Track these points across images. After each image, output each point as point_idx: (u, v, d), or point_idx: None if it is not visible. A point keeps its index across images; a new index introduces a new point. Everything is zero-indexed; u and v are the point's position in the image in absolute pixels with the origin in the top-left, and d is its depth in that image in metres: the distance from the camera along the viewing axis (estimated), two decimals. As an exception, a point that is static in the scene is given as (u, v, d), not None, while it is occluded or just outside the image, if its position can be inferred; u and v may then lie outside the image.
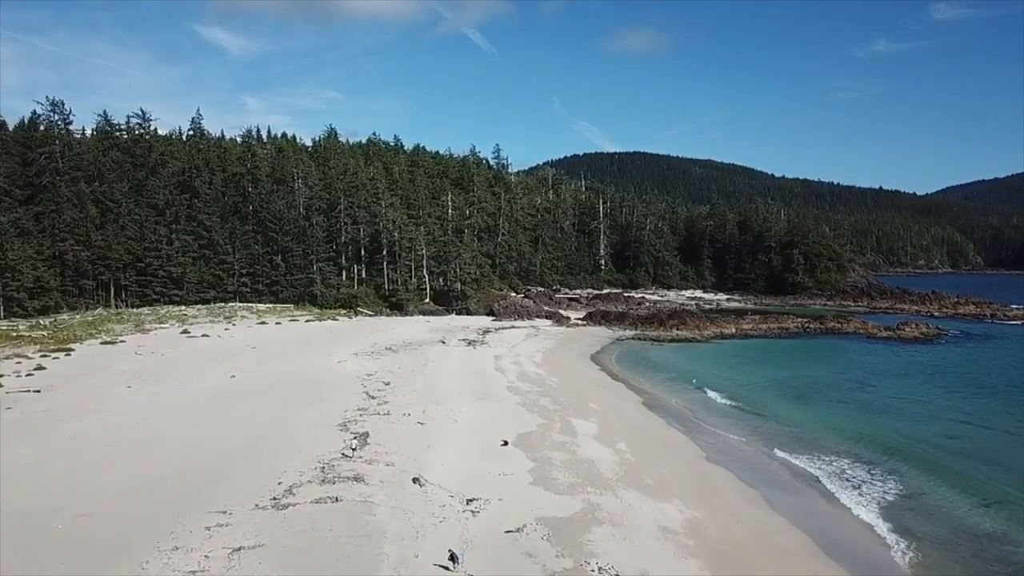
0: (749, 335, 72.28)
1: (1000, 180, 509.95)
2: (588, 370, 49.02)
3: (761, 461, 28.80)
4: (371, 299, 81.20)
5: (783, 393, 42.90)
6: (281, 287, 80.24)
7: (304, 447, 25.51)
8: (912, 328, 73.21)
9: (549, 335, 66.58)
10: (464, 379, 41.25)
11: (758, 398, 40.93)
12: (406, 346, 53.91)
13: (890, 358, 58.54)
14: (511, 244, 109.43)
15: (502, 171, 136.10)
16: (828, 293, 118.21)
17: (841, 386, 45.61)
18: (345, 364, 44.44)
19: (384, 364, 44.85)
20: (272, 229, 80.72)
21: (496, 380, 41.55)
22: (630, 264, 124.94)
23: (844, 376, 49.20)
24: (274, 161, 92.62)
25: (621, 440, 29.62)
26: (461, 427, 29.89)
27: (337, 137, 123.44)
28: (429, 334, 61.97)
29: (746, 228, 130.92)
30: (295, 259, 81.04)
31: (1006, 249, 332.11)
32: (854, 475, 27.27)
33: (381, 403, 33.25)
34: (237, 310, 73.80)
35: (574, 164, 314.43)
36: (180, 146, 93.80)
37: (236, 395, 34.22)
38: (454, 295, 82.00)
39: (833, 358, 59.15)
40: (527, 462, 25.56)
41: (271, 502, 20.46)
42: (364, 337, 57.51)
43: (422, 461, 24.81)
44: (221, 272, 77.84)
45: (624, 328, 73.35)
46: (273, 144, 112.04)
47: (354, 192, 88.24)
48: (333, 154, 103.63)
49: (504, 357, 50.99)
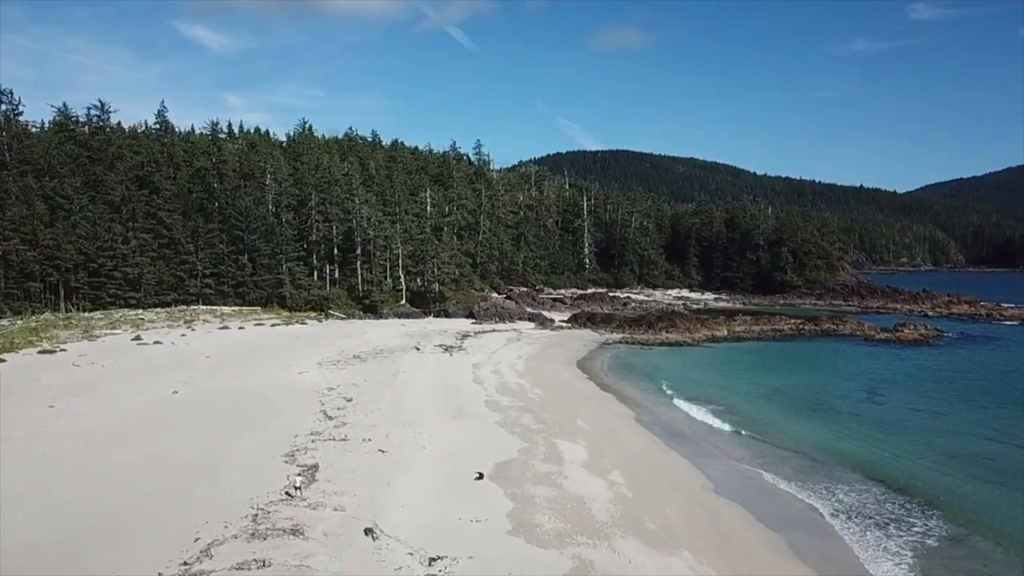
0: (742, 338, 68.80)
1: (978, 178, 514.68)
2: (574, 379, 45.08)
3: (775, 492, 24.99)
4: (344, 301, 76.73)
5: (788, 405, 39.21)
6: (248, 288, 75.53)
7: (237, 487, 21.22)
8: (911, 329, 70.08)
9: (532, 339, 62.62)
10: (437, 393, 37.12)
11: (762, 412, 37.20)
12: (376, 354, 49.62)
13: (893, 363, 55.20)
14: (492, 242, 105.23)
15: (483, 167, 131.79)
16: (818, 292, 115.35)
17: (848, 396, 42.03)
18: (306, 376, 40.12)
19: (349, 376, 40.57)
20: (238, 227, 75.96)
21: (473, 394, 37.49)
22: (615, 263, 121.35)
23: (849, 384, 45.67)
24: (243, 156, 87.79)
25: (615, 468, 25.68)
26: (430, 455, 25.78)
27: (312, 132, 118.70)
28: (403, 339, 57.72)
29: (733, 226, 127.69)
30: (263, 259, 76.35)
31: (987, 247, 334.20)
32: (882, 511, 23.50)
33: (339, 425, 29.03)
34: (199, 313, 69.05)
35: (557, 162, 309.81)
36: (144, 140, 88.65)
37: (172, 416, 29.83)
38: (432, 296, 77.70)
39: (834, 363, 55.77)
40: (505, 502, 21.53)
41: (180, 569, 16.13)
42: (331, 343, 53.16)
43: (379, 503, 20.69)
44: (183, 273, 72.94)
45: (611, 331, 69.56)
46: (245, 139, 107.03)
47: (326, 188, 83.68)
48: (306, 149, 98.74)
49: (483, 366, 46.93)
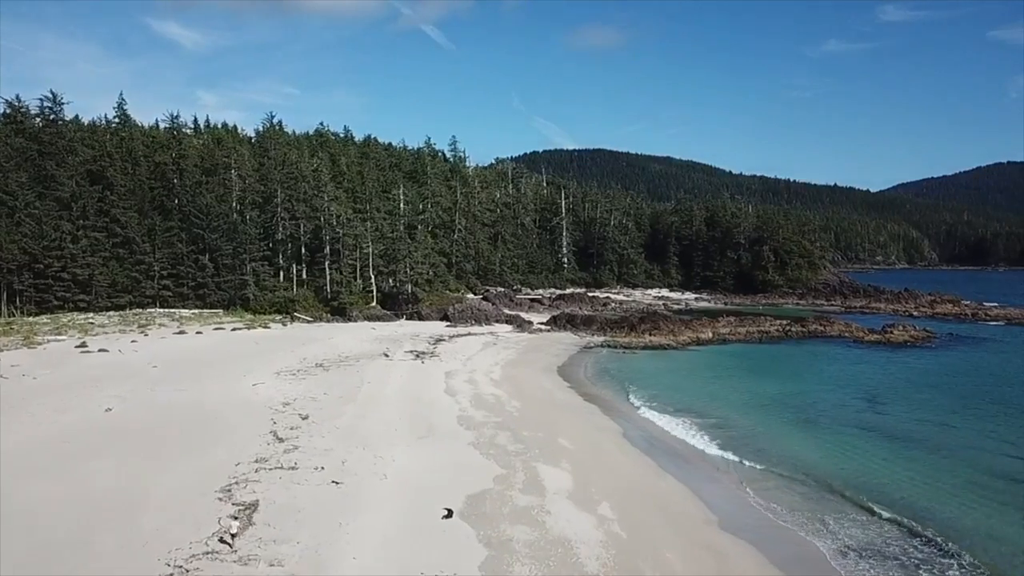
0: (727, 340, 66.22)
1: (948, 177, 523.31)
2: (555, 389, 41.86)
3: (787, 528, 21.92)
4: (311, 303, 72.82)
5: (784, 417, 36.35)
6: (209, 290, 71.39)
7: (155, 535, 17.59)
8: (900, 331, 67.98)
9: (510, 343, 59.35)
10: (404, 408, 33.62)
11: (759, 427, 34.24)
12: (341, 361, 45.96)
13: (887, 367, 52.79)
14: (468, 241, 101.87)
15: (459, 164, 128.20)
16: (800, 292, 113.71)
17: (847, 406, 39.30)
18: (261, 388, 36.40)
19: (308, 388, 36.92)
20: (198, 225, 71.74)
21: (445, 408, 34.07)
22: (594, 262, 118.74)
23: (846, 392, 42.96)
24: (205, 151, 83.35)
25: (604, 499, 22.49)
26: (392, 486, 22.36)
27: (281, 127, 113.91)
28: (372, 344, 54.09)
29: (714, 224, 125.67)
30: (225, 259, 72.21)
31: (959, 245, 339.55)
32: (907, 551, 20.54)
33: (290, 449, 25.48)
34: (156, 317, 64.86)
35: (534, 160, 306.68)
36: (99, 134, 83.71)
37: (99, 440, 26.07)
38: (404, 298, 74.06)
39: (826, 368, 53.18)
40: (478, 548, 18.21)
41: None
42: (294, 350, 49.39)
43: (326, 554, 17.25)
44: (138, 274, 68.60)
45: (592, 333, 66.53)
46: (211, 134, 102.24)
47: (293, 184, 79.66)
48: (273, 144, 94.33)
49: (457, 374, 43.53)
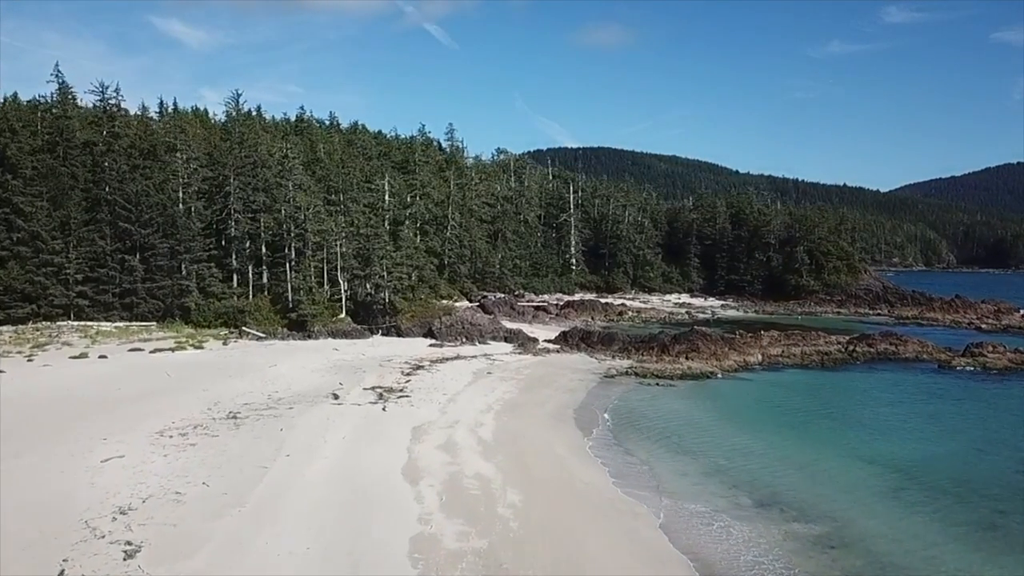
0: (780, 364, 52.80)
1: (958, 178, 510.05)
2: (574, 457, 28.32)
3: None
4: (266, 314, 59.27)
5: (940, 516, 22.85)
6: (138, 299, 57.94)
7: None
8: (993, 353, 54.33)
9: (509, 371, 45.81)
10: (325, 518, 19.97)
11: (907, 542, 20.74)
12: (268, 407, 32.37)
13: (1015, 410, 39.26)
14: (463, 239, 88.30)
15: (456, 154, 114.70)
16: (838, 299, 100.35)
17: (1019, 490, 25.81)
18: (107, 469, 22.93)
19: (184, 468, 23.37)
20: (125, 218, 58.38)
21: (395, 513, 20.50)
22: (606, 264, 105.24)
23: (998, 460, 29.46)
24: (142, 129, 69.93)
25: None
26: None
27: (251, 112, 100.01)
28: (322, 377, 40.40)
29: (739, 222, 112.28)
30: (159, 259, 58.82)
31: (977, 246, 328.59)
32: None
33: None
34: (63, 333, 51.66)
35: (538, 158, 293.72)
36: (10, 108, 70.05)
37: None
38: (380, 308, 60.48)
39: (937, 413, 39.12)
40: None
41: None
42: (210, 386, 35.83)
43: None
44: (45, 278, 55.14)
45: (612, 355, 52.97)
46: (175, 118, 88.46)
47: (251, 170, 66.25)
48: (240, 127, 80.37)
49: (430, 431, 29.97)
